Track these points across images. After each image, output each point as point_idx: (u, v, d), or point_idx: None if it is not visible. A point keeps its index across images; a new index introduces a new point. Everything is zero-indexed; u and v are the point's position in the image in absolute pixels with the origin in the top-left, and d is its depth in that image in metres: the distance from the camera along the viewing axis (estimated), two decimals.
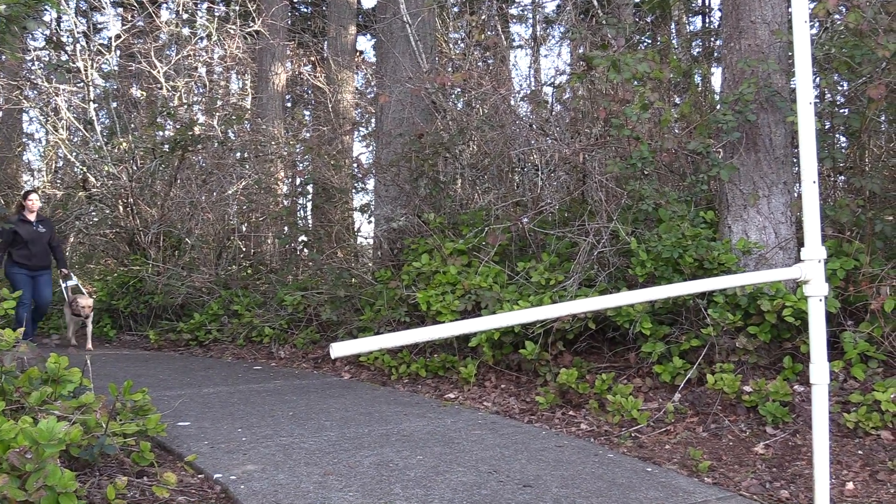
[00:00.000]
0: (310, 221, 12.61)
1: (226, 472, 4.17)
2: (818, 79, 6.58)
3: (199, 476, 4.18)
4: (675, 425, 5.26)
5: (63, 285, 9.88)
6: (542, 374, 6.20)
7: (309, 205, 12.85)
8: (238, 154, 11.97)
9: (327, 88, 13.58)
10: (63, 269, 9.97)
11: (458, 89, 8.77)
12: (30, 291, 9.52)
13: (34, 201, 9.75)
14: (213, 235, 11.18)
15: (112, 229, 12.12)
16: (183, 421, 5.33)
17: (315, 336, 8.55)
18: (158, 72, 12.45)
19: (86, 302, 9.62)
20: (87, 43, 13.13)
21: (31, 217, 9.68)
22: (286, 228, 11.01)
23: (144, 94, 13.37)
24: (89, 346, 9.70)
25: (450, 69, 10.49)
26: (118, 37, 13.45)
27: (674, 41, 10.83)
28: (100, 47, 13.34)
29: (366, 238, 10.93)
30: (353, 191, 10.80)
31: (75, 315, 9.70)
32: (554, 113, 7.68)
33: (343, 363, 7.80)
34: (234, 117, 12.29)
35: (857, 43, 5.77)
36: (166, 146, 11.11)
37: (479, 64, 11.09)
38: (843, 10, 5.84)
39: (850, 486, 4.09)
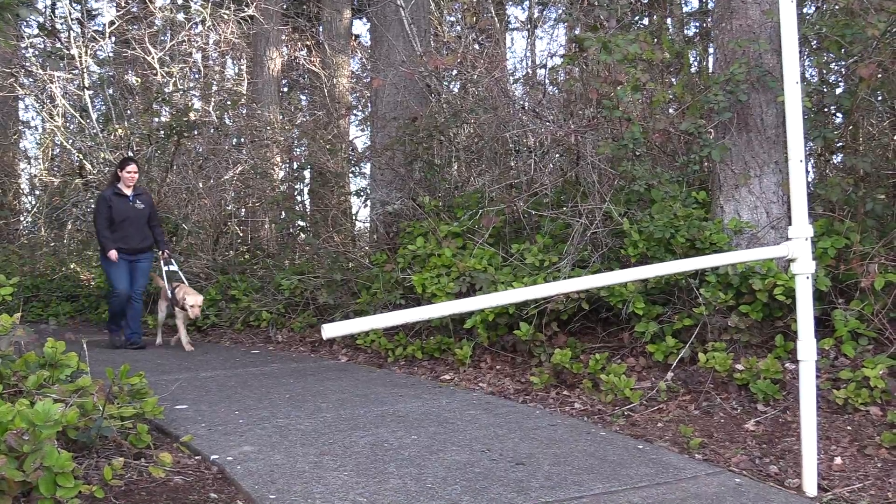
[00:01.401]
0: (308, 206, 12.64)
1: (222, 453, 4.22)
2: (809, 59, 6.59)
3: (197, 457, 4.24)
4: (668, 403, 5.32)
5: (164, 269, 8.57)
6: (536, 355, 6.25)
7: (306, 190, 12.87)
8: (234, 139, 11.97)
9: (322, 73, 13.56)
10: (164, 251, 8.61)
11: (454, 72, 8.78)
12: (127, 280, 8.30)
13: (133, 172, 8.33)
14: (210, 221, 11.21)
15: None
16: (181, 404, 5.39)
17: (312, 320, 8.61)
18: (153, 58, 12.44)
19: (195, 300, 8.14)
20: (81, 30, 13.11)
21: (128, 191, 8.31)
22: (283, 213, 11.05)
23: (139, 80, 13.36)
24: (186, 341, 8.37)
25: (445, 52, 10.49)
26: (112, 23, 13.42)
27: (668, 21, 10.82)
28: (94, 34, 13.33)
29: (363, 222, 10.98)
30: (351, 175, 10.84)
31: (181, 309, 8.30)
32: (547, 95, 7.70)
33: (340, 346, 7.86)
34: (229, 103, 12.29)
35: (848, 22, 5.78)
36: (162, 132, 11.11)
37: (476, 46, 11.08)
38: None
39: (838, 461, 4.15)
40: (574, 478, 3.83)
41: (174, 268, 8.62)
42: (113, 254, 8.12)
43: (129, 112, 12.43)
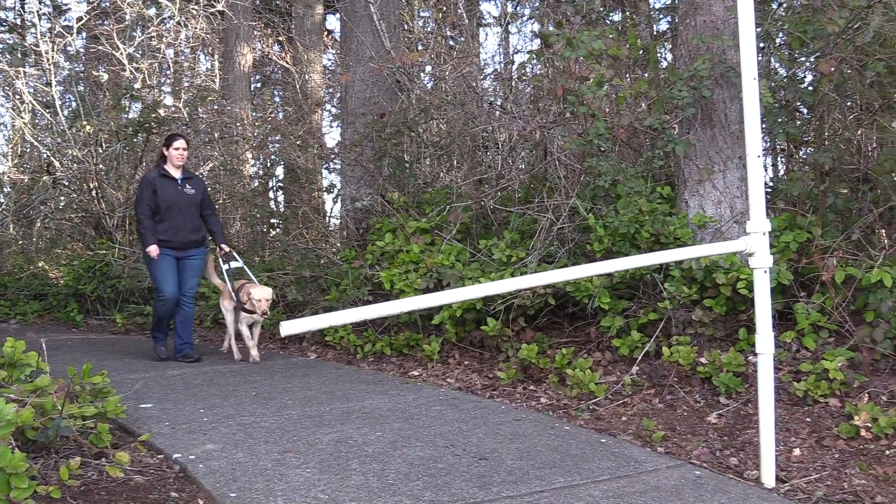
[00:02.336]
0: (281, 203, 12.60)
1: (185, 451, 4.21)
2: (774, 55, 6.66)
3: (159, 456, 4.22)
4: (633, 397, 5.36)
5: (225, 267, 7.31)
6: (504, 350, 6.28)
7: (278, 186, 12.81)
8: (204, 136, 11.89)
9: (294, 69, 13.51)
10: (222, 247, 7.32)
11: (428, 67, 8.78)
12: (175, 280, 7.05)
13: (182, 150, 7.07)
14: None
15: (78, 213, 12.02)
16: (145, 403, 5.36)
17: (282, 317, 8.57)
18: (122, 53, 12.33)
19: (262, 293, 6.99)
20: (49, 25, 12.97)
21: (176, 173, 7.08)
22: (253, 210, 10.99)
23: (107, 76, 13.23)
24: (255, 354, 7.11)
25: (420, 47, 10.49)
26: (80, 19, 13.29)
27: (635, 18, 10.87)
28: (62, 30, 13.18)
29: (336, 218, 10.95)
30: (325, 171, 10.81)
31: (246, 311, 7.07)
32: (514, 90, 7.72)
33: (309, 343, 7.84)
34: (198, 99, 12.21)
35: (810, 18, 5.85)
36: (130, 129, 11.02)
37: (450, 42, 11.10)
38: None
39: (796, 451, 4.20)
40: (536, 472, 3.85)
41: (239, 264, 7.36)
42: (153, 249, 6.87)
43: (98, 108, 12.31)
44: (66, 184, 12.02)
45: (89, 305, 10.77)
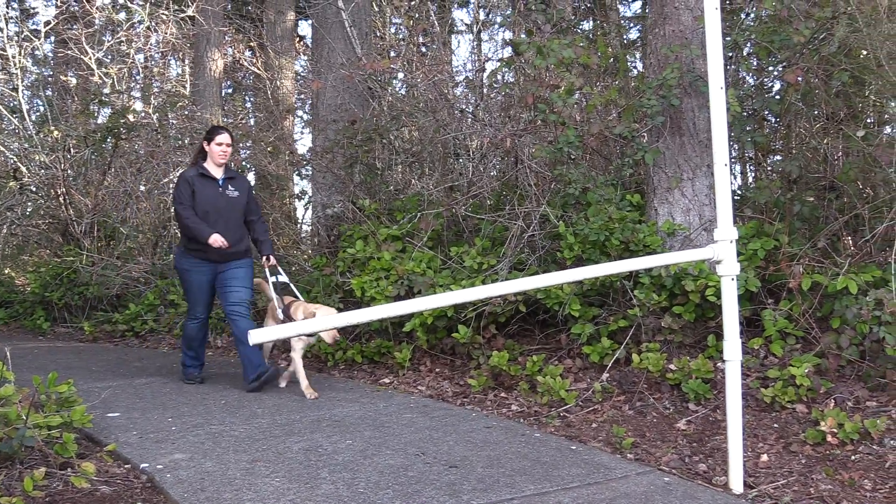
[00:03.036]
0: None
1: (153, 461, 4.16)
2: (739, 65, 6.74)
3: (126, 466, 4.18)
4: (603, 404, 5.38)
5: (271, 280, 6.31)
6: (475, 358, 6.28)
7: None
8: (175, 142, 11.79)
9: (265, 75, 13.45)
10: (268, 258, 6.33)
11: (400, 74, 8.78)
12: (209, 300, 6.30)
13: (226, 146, 6.09)
14: (149, 225, 11.04)
15: (45, 220, 11.88)
16: (113, 412, 5.30)
17: (253, 324, 8.51)
18: (91, 58, 12.22)
19: (315, 308, 5.86)
20: (17, 29, 12.82)
21: (218, 172, 6.13)
22: None
23: (75, 80, 13.10)
24: (308, 389, 5.82)
25: (393, 54, 10.49)
26: (48, 23, 13.14)
27: (606, 27, 10.96)
28: (30, 34, 13.04)
29: (307, 225, 10.90)
30: (297, 177, 10.76)
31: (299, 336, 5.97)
32: (485, 98, 7.74)
33: (280, 351, 7.79)
34: (168, 104, 12.11)
35: (776, 28, 5.92)
36: (99, 134, 10.91)
37: (423, 49, 11.12)
38: None
39: (764, 457, 4.24)
40: (506, 479, 3.85)
41: (284, 278, 6.39)
42: (216, 238, 5.86)
43: (66, 113, 12.17)
44: (34, 189, 11.86)
45: (56, 313, 10.63)
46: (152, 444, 4.49)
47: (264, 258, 6.32)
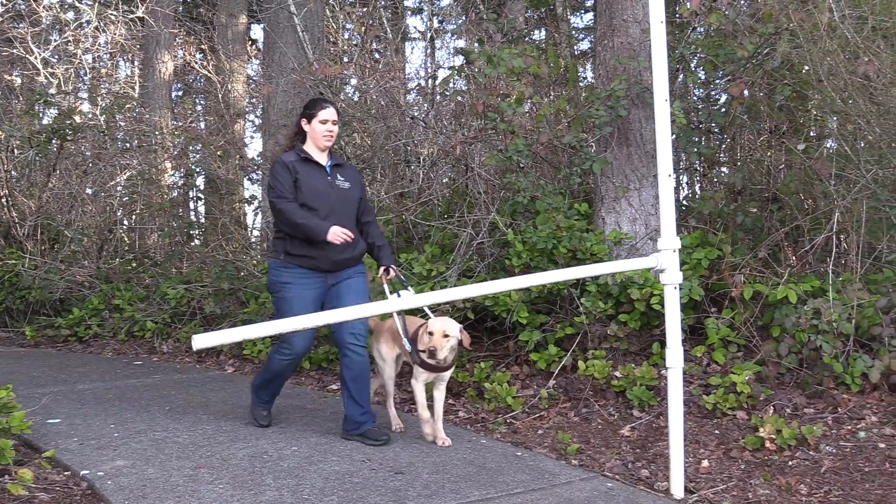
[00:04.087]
0: (202, 214, 12.38)
1: (94, 468, 4.10)
2: (687, 78, 6.86)
3: (66, 473, 4.10)
4: (549, 411, 5.43)
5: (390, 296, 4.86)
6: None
7: (198, 197, 12.60)
8: (121, 144, 11.61)
9: (216, 78, 13.32)
10: (388, 267, 4.97)
11: (353, 80, 8.76)
12: (307, 334, 4.77)
13: (333, 123, 4.79)
14: (95, 228, 10.84)
15: None
16: (54, 418, 5.19)
17: (199, 330, 8.41)
18: (36, 58, 11.98)
19: (440, 325, 4.58)
20: None
21: (323, 158, 4.83)
22: (171, 221, 10.77)
23: (20, 80, 12.84)
24: (438, 432, 4.70)
25: (346, 60, 10.47)
26: None
27: (556, 37, 11.09)
28: None
29: (257, 230, 10.81)
30: (248, 181, 10.67)
31: (426, 366, 4.68)
32: (436, 105, 7.77)
33: (227, 356, 7.72)
34: (116, 106, 11.93)
35: (721, 43, 6.05)
36: (43, 135, 10.70)
37: (377, 55, 11.11)
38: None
39: (705, 463, 4.32)
40: (452, 486, 3.87)
41: (409, 293, 4.91)
42: (335, 232, 4.54)
43: (10, 113, 11.91)
44: None
45: None
46: (93, 451, 4.41)
47: (382, 269, 4.97)
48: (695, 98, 7.35)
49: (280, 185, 4.65)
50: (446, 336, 4.54)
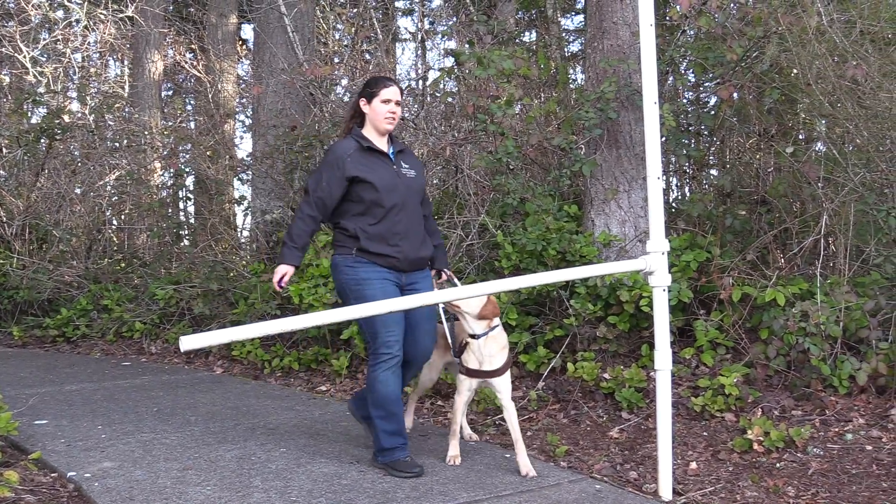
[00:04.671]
0: (192, 214, 12.35)
1: (80, 469, 4.08)
2: (677, 80, 6.88)
3: (53, 475, 4.08)
4: (538, 413, 5.43)
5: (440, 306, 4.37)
6: None
7: (189, 197, 12.57)
8: (110, 143, 11.56)
9: (206, 78, 13.28)
10: (439, 272, 4.52)
11: (344, 81, 8.75)
12: (401, 328, 4.11)
13: (396, 103, 4.22)
14: (84, 228, 10.80)
15: None
16: (41, 419, 5.18)
17: (188, 331, 8.39)
18: (25, 56, 11.92)
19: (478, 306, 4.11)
20: None
21: (384, 144, 4.25)
22: (161, 221, 10.73)
23: (8, 79, 12.77)
24: (525, 464, 4.12)
25: (337, 60, 10.46)
26: None
27: (546, 39, 11.12)
28: None
29: (247, 231, 10.79)
30: (238, 181, 10.65)
31: (470, 372, 4.19)
32: (426, 107, 7.77)
33: (216, 357, 7.70)
34: (104, 105, 11.89)
35: (710, 46, 6.07)
36: (31, 135, 10.65)
37: (367, 56, 11.09)
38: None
39: (693, 465, 4.33)
40: (440, 488, 3.86)
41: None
42: (276, 274, 4.17)
43: None
44: None
45: None
46: (80, 453, 4.39)
47: (434, 273, 4.49)
48: (684, 101, 7.37)
49: (325, 180, 4.12)
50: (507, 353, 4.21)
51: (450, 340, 4.36)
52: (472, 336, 4.14)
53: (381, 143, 4.23)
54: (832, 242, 5.91)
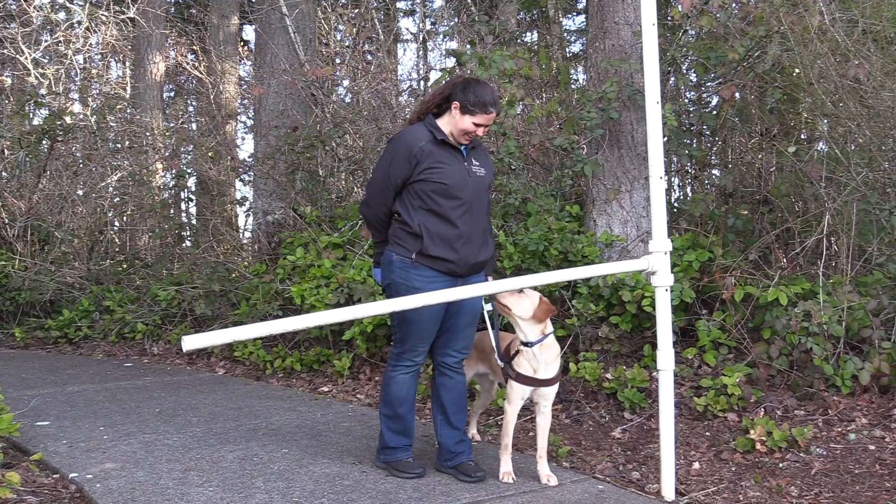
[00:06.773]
0: (193, 215, 12.36)
1: (82, 471, 4.08)
2: (679, 80, 6.87)
3: (54, 476, 4.08)
4: None
5: (487, 308, 4.15)
6: None
7: (191, 198, 12.58)
8: (112, 145, 11.57)
9: (208, 79, 13.29)
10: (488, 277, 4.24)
11: (346, 82, 8.75)
12: (432, 340, 4.06)
13: (484, 127, 3.93)
14: (85, 229, 10.81)
15: None
16: (43, 420, 5.18)
17: (190, 332, 8.39)
18: (27, 58, 11.93)
19: (530, 302, 3.98)
20: None
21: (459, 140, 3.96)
22: (162, 222, 10.74)
23: (10, 81, 12.78)
24: (546, 473, 4.02)
25: (338, 61, 10.46)
26: None
27: (548, 39, 11.12)
28: None
29: (248, 231, 10.80)
30: (239, 183, 10.66)
31: (520, 379, 4.01)
32: None
33: (218, 358, 7.70)
34: (106, 107, 11.89)
35: (712, 46, 6.07)
36: (34, 136, 10.66)
37: (369, 56, 11.10)
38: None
39: (696, 465, 4.32)
40: (442, 488, 3.86)
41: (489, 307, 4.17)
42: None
43: (0, 114, 11.86)
44: None
45: None
46: (82, 454, 4.39)
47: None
48: (686, 100, 7.36)
49: (383, 172, 3.93)
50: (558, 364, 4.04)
51: (494, 345, 4.12)
52: (525, 344, 3.95)
53: (458, 139, 3.97)
54: (834, 242, 5.90)
